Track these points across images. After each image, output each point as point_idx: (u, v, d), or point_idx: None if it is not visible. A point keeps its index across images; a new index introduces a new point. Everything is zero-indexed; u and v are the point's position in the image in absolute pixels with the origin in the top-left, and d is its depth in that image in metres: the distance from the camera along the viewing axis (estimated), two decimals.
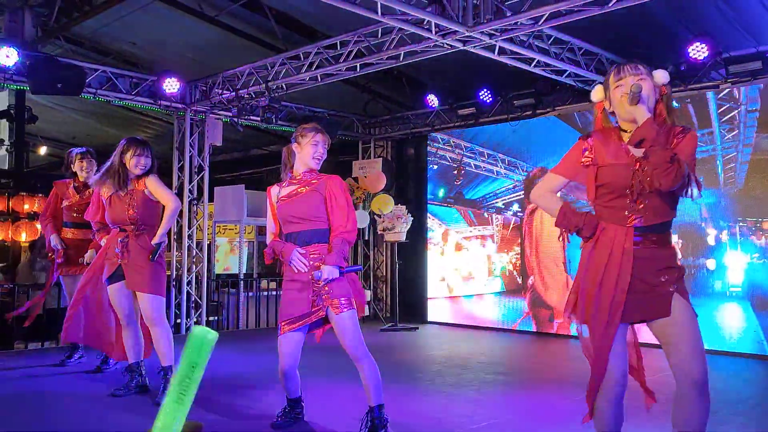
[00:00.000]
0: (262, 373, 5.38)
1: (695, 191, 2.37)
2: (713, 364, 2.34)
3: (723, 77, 6.48)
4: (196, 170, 8.24)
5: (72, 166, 5.51)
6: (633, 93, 2.33)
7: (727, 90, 6.55)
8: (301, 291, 3.37)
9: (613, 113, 2.53)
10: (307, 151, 3.51)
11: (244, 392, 4.67)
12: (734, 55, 6.24)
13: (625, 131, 2.47)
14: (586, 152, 2.51)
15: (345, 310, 3.33)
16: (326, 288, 3.33)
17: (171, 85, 7.38)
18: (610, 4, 4.86)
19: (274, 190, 3.61)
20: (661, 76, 2.45)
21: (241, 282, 8.71)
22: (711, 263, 6.65)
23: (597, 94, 2.59)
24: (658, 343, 2.44)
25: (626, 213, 2.41)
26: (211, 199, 8.81)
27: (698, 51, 6.12)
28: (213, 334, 1.57)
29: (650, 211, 2.39)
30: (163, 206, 4.42)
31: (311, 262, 3.37)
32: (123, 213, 4.33)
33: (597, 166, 2.46)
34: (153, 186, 4.37)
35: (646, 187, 2.34)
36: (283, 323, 3.40)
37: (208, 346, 1.56)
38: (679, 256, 2.63)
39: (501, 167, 8.51)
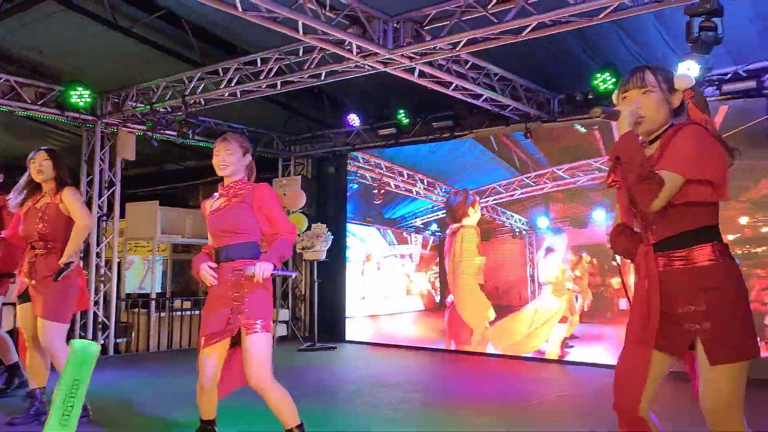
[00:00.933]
0: (174, 396, 5.18)
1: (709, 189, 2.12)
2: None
3: None
4: (107, 185, 7.91)
5: None
6: (596, 117, 2.27)
7: None
8: (219, 307, 3.24)
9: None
10: (214, 161, 3.42)
11: (155, 415, 4.47)
12: None
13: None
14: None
15: (258, 332, 3.17)
16: (244, 307, 3.19)
17: (80, 97, 7.07)
18: (523, 34, 5.07)
19: (207, 202, 3.49)
20: (681, 81, 2.27)
21: (153, 302, 8.39)
22: (617, 283, 6.98)
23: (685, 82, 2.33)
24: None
25: (644, 230, 2.25)
26: (122, 215, 8.46)
27: (604, 81, 6.46)
28: (95, 347, 1.50)
29: (660, 224, 2.18)
30: (70, 221, 4.20)
31: (234, 278, 3.22)
32: (33, 227, 4.10)
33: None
34: (68, 199, 4.15)
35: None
36: (201, 338, 3.28)
37: (90, 360, 1.48)
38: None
39: (420, 187, 8.64)
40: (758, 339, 2.19)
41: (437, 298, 8.36)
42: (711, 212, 2.17)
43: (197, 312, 8.67)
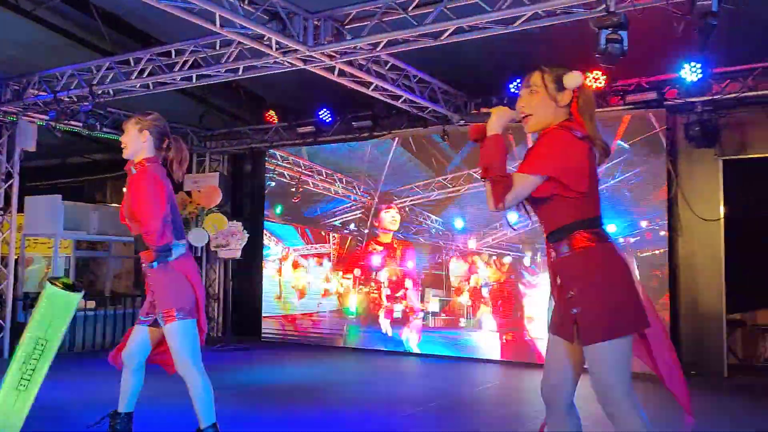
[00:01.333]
0: (77, 401, 4.92)
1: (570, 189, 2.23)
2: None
3: None
4: (4, 177, 7.42)
5: None
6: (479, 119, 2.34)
7: None
8: (148, 293, 3.29)
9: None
10: None
11: (55, 420, 4.24)
12: None
13: None
14: None
15: (171, 321, 3.11)
16: (153, 297, 3.20)
17: None
18: (442, 38, 5.16)
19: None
20: (571, 80, 2.33)
21: None
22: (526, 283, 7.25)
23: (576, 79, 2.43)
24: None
25: (539, 224, 2.40)
26: (21, 209, 7.96)
27: (517, 86, 6.69)
28: (76, 297, 1.34)
29: (543, 220, 2.34)
30: None
31: (143, 269, 3.25)
32: None
33: None
34: None
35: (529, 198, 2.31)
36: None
37: (69, 312, 1.34)
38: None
39: (339, 187, 8.62)
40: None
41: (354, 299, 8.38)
42: (577, 205, 2.27)
43: (102, 312, 8.28)
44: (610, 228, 6.77)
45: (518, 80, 6.61)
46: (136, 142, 3.25)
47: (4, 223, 7.44)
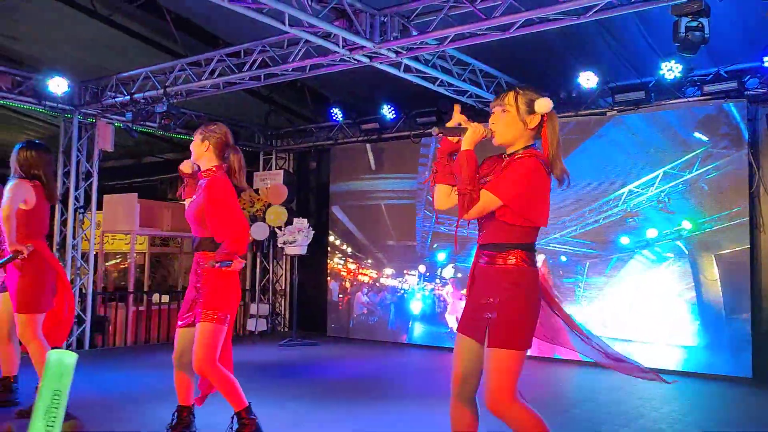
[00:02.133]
0: (151, 390, 5.10)
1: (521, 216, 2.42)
2: None
3: (610, 105, 6.92)
4: (84, 176, 7.76)
5: None
6: (436, 135, 2.54)
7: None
8: (189, 291, 3.45)
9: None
10: None
11: (133, 410, 4.40)
12: (620, 84, 6.68)
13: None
14: None
15: (205, 320, 3.26)
16: (200, 297, 3.33)
17: (58, 85, 6.93)
18: (511, 30, 5.06)
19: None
20: (542, 105, 2.47)
21: (131, 296, 8.26)
22: None
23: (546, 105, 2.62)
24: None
25: (478, 230, 2.60)
26: (100, 207, 8.32)
27: (588, 80, 6.51)
28: (72, 357, 1.46)
29: (487, 230, 2.52)
30: (43, 216, 4.14)
31: (197, 270, 3.38)
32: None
33: None
34: (5, 192, 4.05)
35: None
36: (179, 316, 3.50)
37: (68, 371, 1.44)
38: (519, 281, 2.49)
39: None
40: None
41: None
42: (527, 232, 2.48)
43: (175, 305, 8.56)
44: (686, 225, 6.52)
45: (588, 75, 6.44)
46: (199, 150, 3.46)
47: (84, 221, 7.78)
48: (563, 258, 7.22)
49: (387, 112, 8.02)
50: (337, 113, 8.34)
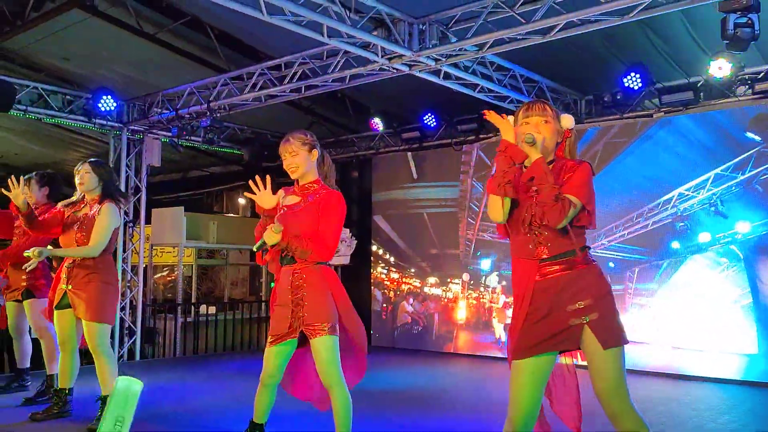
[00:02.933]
0: (199, 402, 5.16)
1: (593, 220, 2.50)
2: None
3: (656, 107, 6.74)
4: (133, 191, 7.96)
5: None
6: (528, 140, 2.48)
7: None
8: (282, 309, 3.21)
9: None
10: (285, 167, 3.33)
11: (181, 421, 4.46)
12: (667, 85, 6.51)
13: (526, 166, 2.58)
14: None
15: (321, 335, 3.11)
16: (304, 311, 3.14)
17: (107, 103, 7.14)
18: (551, 34, 4.99)
19: (280, 193, 3.36)
20: (568, 121, 2.62)
21: (179, 307, 8.42)
22: None
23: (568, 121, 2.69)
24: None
25: (531, 246, 2.52)
26: (148, 221, 8.52)
27: (633, 81, 6.35)
28: (138, 385, 1.47)
29: (553, 241, 2.48)
30: (113, 235, 4.26)
31: (294, 282, 3.17)
32: (72, 236, 4.21)
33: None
34: (101, 215, 4.18)
35: (539, 220, 2.46)
36: (269, 337, 3.25)
37: (133, 398, 1.46)
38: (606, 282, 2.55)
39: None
40: None
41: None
42: (584, 234, 2.56)
43: (222, 317, 8.68)
44: (740, 228, 6.29)
45: (634, 74, 6.28)
46: (308, 163, 3.27)
47: (134, 234, 7.97)
48: (611, 264, 7.04)
49: (428, 120, 7.99)
50: (378, 123, 8.35)
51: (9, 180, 4.16)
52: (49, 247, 4.52)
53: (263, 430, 3.37)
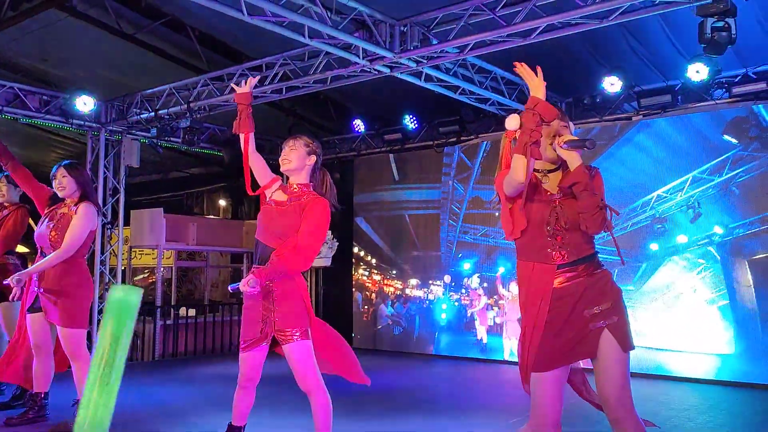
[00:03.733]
0: (178, 405, 5.11)
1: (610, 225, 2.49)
2: None
3: (635, 110, 6.81)
4: (111, 192, 7.86)
5: None
6: (583, 146, 2.41)
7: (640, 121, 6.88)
8: (253, 311, 3.17)
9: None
10: (280, 159, 3.28)
11: (161, 424, 4.41)
12: (645, 88, 6.58)
13: (537, 170, 2.52)
14: None
15: (292, 341, 3.09)
16: (276, 315, 3.11)
17: (84, 104, 7.05)
18: (532, 36, 5.02)
19: (269, 190, 3.31)
20: (572, 127, 2.60)
21: (158, 310, 8.33)
22: None
23: (512, 122, 2.52)
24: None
25: (549, 251, 2.45)
26: (127, 223, 8.42)
27: (612, 84, 6.42)
28: (137, 292, 1.36)
29: (572, 246, 2.45)
30: (88, 237, 4.15)
31: (267, 286, 3.12)
32: (46, 233, 4.11)
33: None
34: (77, 215, 4.08)
35: (564, 224, 2.44)
36: (241, 341, 3.21)
37: (132, 310, 1.34)
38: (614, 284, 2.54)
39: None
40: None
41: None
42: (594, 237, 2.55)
43: (201, 319, 8.61)
44: (717, 230, 6.37)
45: (612, 79, 6.34)
46: (302, 162, 3.23)
47: (112, 236, 7.87)
48: None
49: (409, 122, 8.01)
50: (359, 124, 8.35)
51: None
52: (25, 268, 4.45)
53: None
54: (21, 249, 6.00)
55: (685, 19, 5.04)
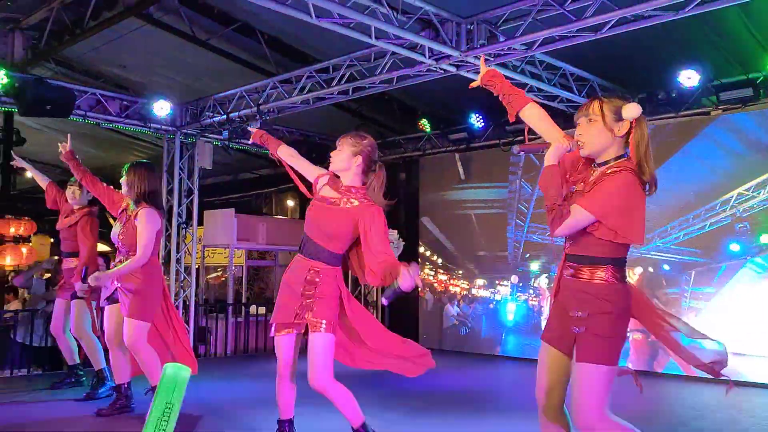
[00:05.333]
0: (251, 399, 5.25)
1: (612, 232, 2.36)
2: None
3: (714, 104, 6.52)
4: (186, 193, 8.15)
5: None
6: (516, 154, 2.48)
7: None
8: (290, 297, 3.24)
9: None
10: None
11: (232, 418, 4.54)
12: (725, 82, 6.29)
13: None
14: None
15: (323, 332, 3.17)
16: (314, 305, 3.19)
17: (161, 108, 7.33)
18: (603, 31, 4.89)
19: (322, 180, 3.34)
20: (627, 112, 2.41)
21: (230, 307, 8.58)
22: None
23: (634, 110, 2.45)
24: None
25: (567, 242, 2.56)
26: (200, 222, 8.70)
27: (689, 78, 6.17)
28: (186, 371, 1.51)
29: (576, 242, 2.47)
30: (156, 238, 4.37)
31: (309, 277, 3.21)
32: (116, 235, 4.41)
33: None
34: (139, 223, 4.28)
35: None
36: (275, 325, 3.30)
37: (182, 385, 1.49)
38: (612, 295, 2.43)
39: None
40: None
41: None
42: (619, 248, 2.41)
43: (271, 317, 8.81)
44: None
45: (689, 72, 6.09)
46: (347, 163, 3.24)
47: (187, 235, 8.16)
48: (666, 267, 6.84)
49: (475, 120, 7.94)
50: (424, 124, 8.34)
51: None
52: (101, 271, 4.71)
53: (293, 425, 3.39)
54: (102, 248, 6.34)
55: (765, 9, 4.80)
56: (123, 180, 4.41)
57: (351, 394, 3.23)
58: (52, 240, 11.35)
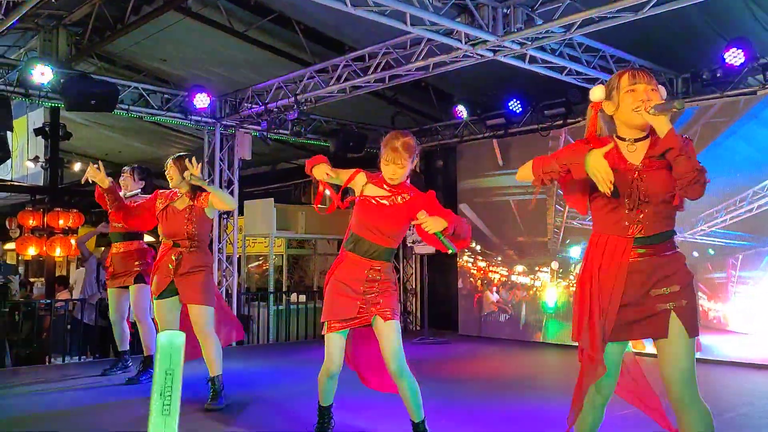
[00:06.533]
0: (293, 386, 5.34)
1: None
2: None
3: (760, 83, 6.32)
4: (226, 184, 8.29)
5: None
6: (659, 109, 2.26)
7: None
8: (347, 296, 3.28)
9: (610, 116, 2.48)
10: (385, 172, 3.34)
11: (276, 405, 4.63)
12: None
13: (623, 139, 2.42)
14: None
15: (395, 318, 3.27)
16: (379, 298, 3.27)
17: (201, 101, 7.46)
18: (644, 11, 4.77)
19: (367, 181, 3.37)
20: (664, 91, 2.43)
21: (271, 295, 8.71)
22: None
23: (597, 93, 2.49)
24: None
25: (626, 223, 2.38)
26: (241, 212, 8.84)
27: (734, 56, 5.98)
28: (180, 337, 1.54)
29: (650, 221, 2.36)
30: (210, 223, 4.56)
31: (372, 275, 3.29)
32: (180, 227, 4.42)
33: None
34: (213, 199, 4.39)
35: (643, 197, 2.34)
36: (330, 322, 3.29)
37: (178, 351, 1.52)
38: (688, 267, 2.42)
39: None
40: None
41: None
42: (676, 214, 2.45)
43: (312, 305, 8.92)
44: None
45: (736, 50, 5.91)
46: (404, 172, 3.32)
47: (228, 225, 8.30)
48: (711, 251, 6.68)
49: (513, 106, 7.85)
50: (462, 110, 8.29)
51: (90, 165, 4.51)
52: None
53: (330, 411, 3.50)
54: (148, 238, 6.49)
55: None
56: (170, 170, 4.47)
57: (419, 387, 3.27)
58: None
